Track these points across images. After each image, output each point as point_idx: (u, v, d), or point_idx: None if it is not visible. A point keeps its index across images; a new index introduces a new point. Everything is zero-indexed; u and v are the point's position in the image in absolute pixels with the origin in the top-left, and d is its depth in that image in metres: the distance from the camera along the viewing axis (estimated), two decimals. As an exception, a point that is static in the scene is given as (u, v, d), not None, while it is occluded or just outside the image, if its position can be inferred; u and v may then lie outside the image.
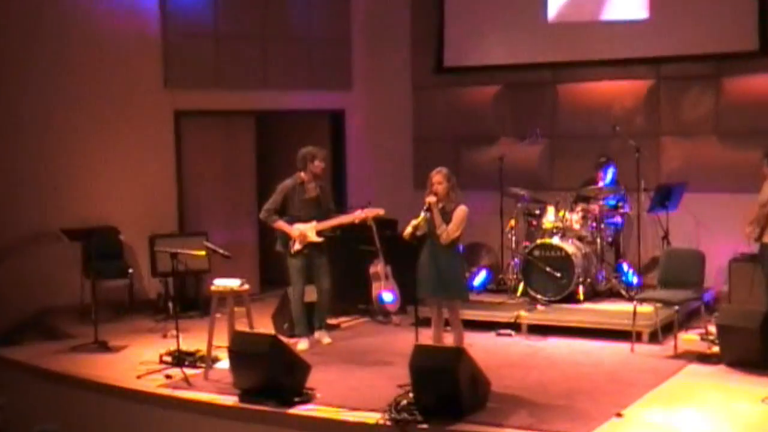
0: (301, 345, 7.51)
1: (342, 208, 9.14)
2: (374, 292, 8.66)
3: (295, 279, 7.55)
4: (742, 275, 8.30)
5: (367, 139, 10.68)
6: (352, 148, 10.61)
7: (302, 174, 7.46)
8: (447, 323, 6.70)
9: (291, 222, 7.55)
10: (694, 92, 9.34)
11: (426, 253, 6.48)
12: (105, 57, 9.06)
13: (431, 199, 6.40)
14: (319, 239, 7.44)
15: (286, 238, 7.51)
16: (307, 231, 7.46)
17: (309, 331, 7.69)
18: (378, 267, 8.65)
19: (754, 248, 7.52)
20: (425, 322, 6.84)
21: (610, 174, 9.07)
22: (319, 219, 7.50)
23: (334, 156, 10.37)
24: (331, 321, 8.43)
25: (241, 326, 7.02)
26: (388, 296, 8.68)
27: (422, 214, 6.41)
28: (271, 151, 10.19)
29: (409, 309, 8.31)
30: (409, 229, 6.39)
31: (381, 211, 7.48)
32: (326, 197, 7.62)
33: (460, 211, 6.46)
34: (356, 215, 7.44)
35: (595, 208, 8.84)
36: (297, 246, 7.50)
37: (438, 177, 6.49)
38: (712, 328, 7.24)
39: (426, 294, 6.53)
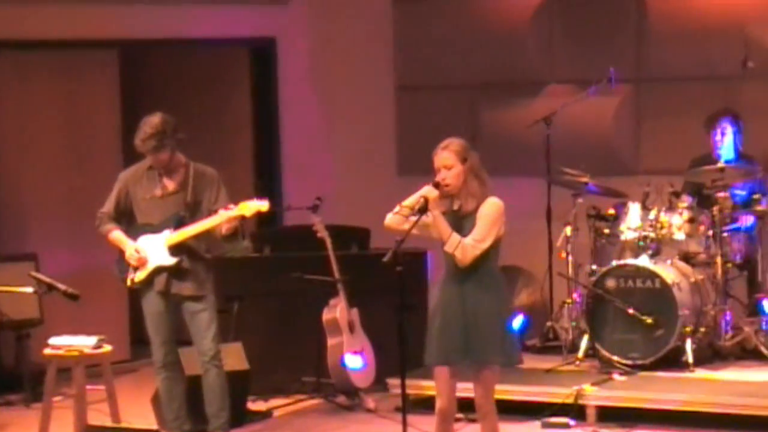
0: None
1: (274, 208, 9.22)
2: (332, 355, 8.68)
3: (152, 336, 7.75)
4: None
5: (314, 89, 10.97)
6: (287, 105, 10.91)
7: (161, 155, 7.63)
8: (463, 407, 6.70)
9: (137, 234, 7.68)
10: None
11: (443, 287, 6.53)
12: None
13: (429, 192, 6.40)
14: (172, 261, 7.51)
15: (124, 261, 7.77)
16: (149, 249, 7.51)
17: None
18: (337, 311, 8.73)
19: None
20: (423, 405, 6.71)
21: (729, 141, 9.19)
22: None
23: (258, 117, 10.72)
24: (257, 405, 8.64)
25: (99, 418, 7.12)
26: (354, 361, 8.74)
27: (404, 210, 6.43)
28: (147, 109, 9.77)
29: (393, 383, 8.31)
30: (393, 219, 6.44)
31: (261, 206, 7.59)
32: (200, 192, 7.68)
33: (490, 208, 6.46)
34: (223, 215, 7.54)
35: (712, 208, 8.94)
36: (134, 275, 7.62)
37: (444, 156, 6.46)
38: None
39: (440, 359, 6.51)
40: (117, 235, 7.72)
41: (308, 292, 8.75)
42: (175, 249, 7.58)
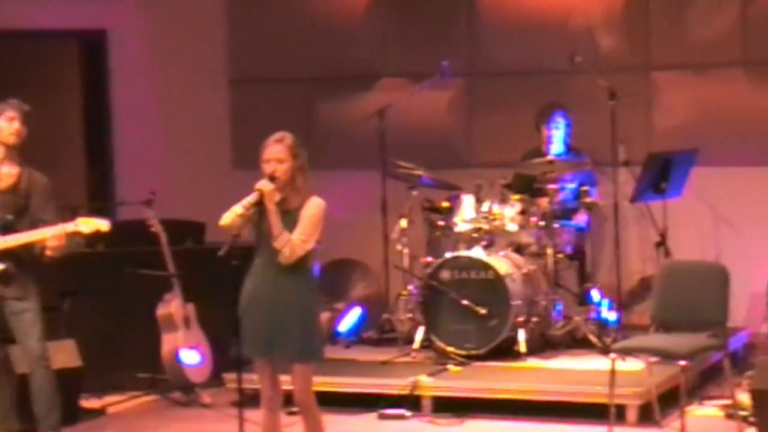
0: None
1: (107, 203, 9.44)
2: (167, 350, 8.64)
3: None
4: None
5: (147, 82, 10.83)
6: (119, 98, 10.82)
7: None
8: (292, 401, 6.69)
9: None
10: None
11: (255, 280, 6.53)
12: None
13: (264, 186, 6.38)
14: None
15: None
16: None
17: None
18: (172, 306, 8.68)
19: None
20: (257, 401, 6.76)
21: (560, 134, 9.37)
22: (15, 230, 7.41)
23: (89, 111, 10.55)
24: (90, 403, 8.55)
25: None
26: (190, 356, 8.67)
27: (239, 209, 6.36)
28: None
29: (229, 377, 8.26)
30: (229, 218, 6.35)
31: (101, 225, 7.36)
32: (30, 198, 7.50)
33: (314, 208, 6.48)
34: (59, 229, 7.34)
35: (542, 199, 9.07)
36: None
37: (277, 149, 6.45)
38: (745, 397, 7.38)
39: (254, 352, 6.56)
40: None
41: (143, 287, 8.67)
42: (1, 255, 7.39)
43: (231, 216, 6.33)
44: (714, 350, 7.70)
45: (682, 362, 7.22)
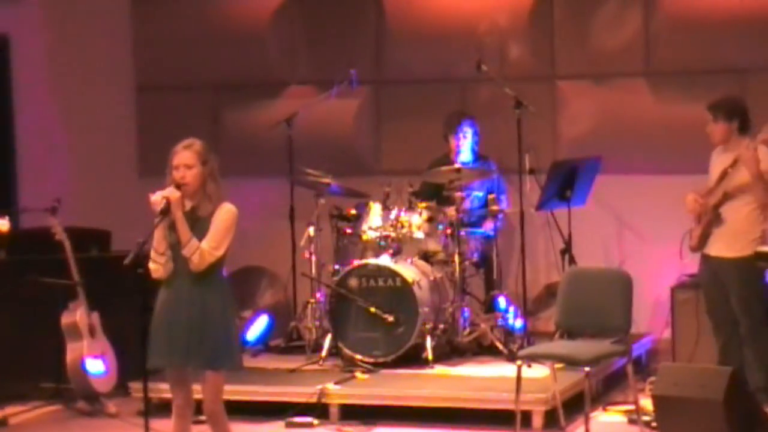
0: None
1: (10, 210, 9.21)
2: (71, 359, 8.57)
3: None
4: (693, 312, 8.73)
5: (51, 89, 10.79)
6: (23, 105, 10.81)
7: None
8: (201, 410, 6.62)
9: None
10: (612, 2, 9.80)
11: (170, 289, 6.49)
12: None
13: (170, 193, 6.34)
14: None
15: None
16: None
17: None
18: (77, 315, 8.62)
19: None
20: (166, 409, 6.73)
21: (467, 143, 9.42)
22: None
23: None
24: None
25: None
26: (95, 365, 8.62)
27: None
28: None
29: (135, 386, 8.23)
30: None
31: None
32: None
33: (225, 214, 6.45)
34: None
35: (450, 207, 9.10)
36: None
37: (186, 155, 6.41)
38: (648, 402, 7.45)
39: (170, 361, 6.51)
40: None
41: (47, 295, 8.59)
42: None
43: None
44: (617, 356, 7.75)
45: (587, 368, 7.27)
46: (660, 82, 9.57)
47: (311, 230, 9.26)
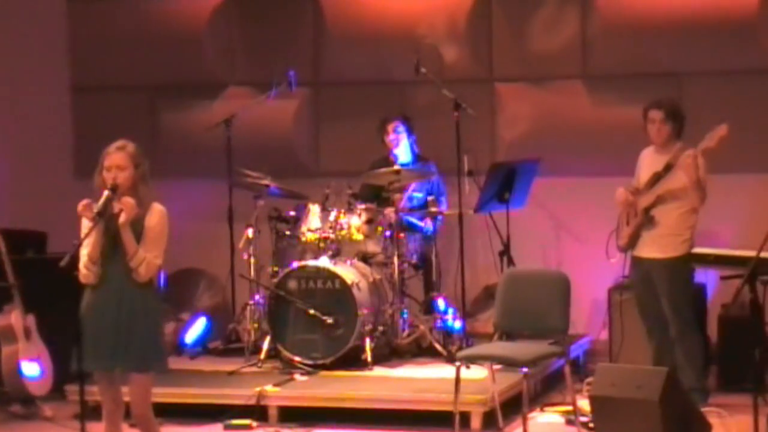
0: None
1: None
2: (6, 362, 8.54)
3: None
4: (629, 312, 8.74)
5: None
6: None
7: None
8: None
9: None
10: (550, 6, 9.86)
11: (97, 291, 6.44)
12: None
13: (108, 197, 6.33)
14: None
15: None
16: None
17: None
18: (12, 318, 8.58)
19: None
20: (99, 414, 6.70)
21: (404, 144, 9.43)
22: None
23: None
24: None
25: None
26: (31, 368, 8.58)
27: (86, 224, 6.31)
28: None
29: (71, 389, 8.19)
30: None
31: None
32: None
33: (158, 218, 6.44)
34: None
35: (389, 209, 9.12)
36: None
37: (119, 157, 6.39)
38: (585, 403, 7.44)
39: (97, 364, 6.49)
40: None
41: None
42: None
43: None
44: (556, 357, 7.83)
45: (525, 369, 7.33)
46: (597, 84, 9.66)
47: (250, 232, 9.25)
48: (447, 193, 9.50)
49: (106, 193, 6.24)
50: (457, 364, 7.55)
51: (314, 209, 9.04)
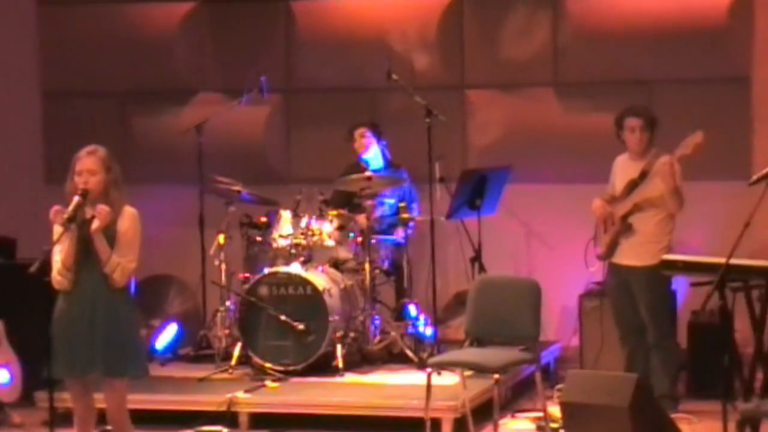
0: None
1: None
2: None
3: None
4: (600, 319, 8.80)
5: None
6: None
7: None
8: (104, 419, 6.61)
9: None
10: (521, 13, 9.87)
11: (70, 297, 6.44)
12: None
13: (79, 203, 6.32)
14: None
15: None
16: None
17: None
18: None
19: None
20: (68, 420, 6.71)
21: (373, 150, 9.45)
22: None
23: None
24: None
25: None
26: (0, 375, 8.51)
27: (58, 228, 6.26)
28: None
29: (40, 396, 8.09)
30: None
31: None
32: None
33: (131, 222, 6.45)
34: None
35: (361, 216, 9.13)
36: None
37: (90, 161, 6.39)
38: (555, 409, 7.44)
39: (70, 372, 6.49)
40: None
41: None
42: None
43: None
44: (526, 364, 7.86)
45: (496, 376, 7.34)
46: (567, 92, 9.69)
47: (221, 238, 9.23)
48: (419, 199, 9.51)
49: (76, 198, 6.23)
50: (428, 370, 7.56)
51: (286, 215, 9.03)
